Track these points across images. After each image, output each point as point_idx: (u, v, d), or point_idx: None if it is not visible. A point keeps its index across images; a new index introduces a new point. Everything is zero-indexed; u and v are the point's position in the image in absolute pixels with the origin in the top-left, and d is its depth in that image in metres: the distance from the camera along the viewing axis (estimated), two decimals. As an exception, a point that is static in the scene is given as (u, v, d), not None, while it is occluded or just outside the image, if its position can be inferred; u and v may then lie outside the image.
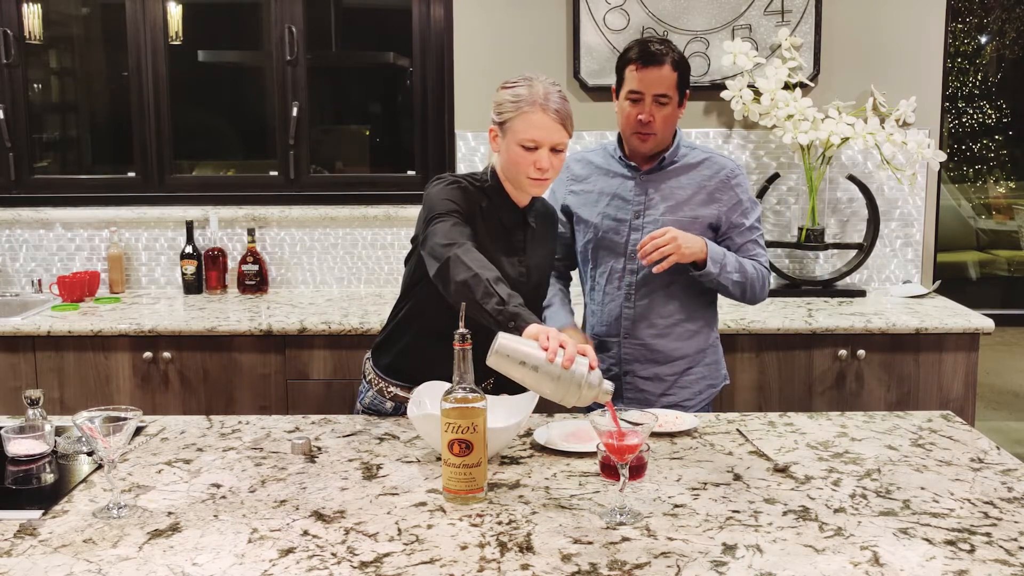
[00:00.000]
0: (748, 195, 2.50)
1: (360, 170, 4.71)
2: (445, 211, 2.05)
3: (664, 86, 2.38)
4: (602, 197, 2.50)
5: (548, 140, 2.07)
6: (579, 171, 2.56)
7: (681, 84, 2.41)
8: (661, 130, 2.41)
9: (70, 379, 3.17)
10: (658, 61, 2.37)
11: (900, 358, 3.13)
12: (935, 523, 1.61)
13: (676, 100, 2.41)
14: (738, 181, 2.48)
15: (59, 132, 4.36)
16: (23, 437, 1.94)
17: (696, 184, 2.46)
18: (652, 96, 2.38)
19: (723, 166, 2.48)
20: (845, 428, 2.12)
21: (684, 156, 2.49)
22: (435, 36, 3.73)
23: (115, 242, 3.72)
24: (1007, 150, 8.67)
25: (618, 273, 2.50)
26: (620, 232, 2.48)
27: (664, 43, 2.43)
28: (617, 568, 1.44)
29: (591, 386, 1.75)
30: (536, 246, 2.27)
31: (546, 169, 2.08)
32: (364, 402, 2.33)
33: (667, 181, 2.47)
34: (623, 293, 2.49)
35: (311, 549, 1.52)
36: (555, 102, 2.08)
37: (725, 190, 2.46)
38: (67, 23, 4.24)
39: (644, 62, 2.38)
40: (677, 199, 2.45)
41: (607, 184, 2.51)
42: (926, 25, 3.60)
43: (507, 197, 2.18)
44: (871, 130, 3.41)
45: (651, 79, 2.37)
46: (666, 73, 2.38)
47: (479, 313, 1.86)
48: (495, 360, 1.76)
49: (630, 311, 2.49)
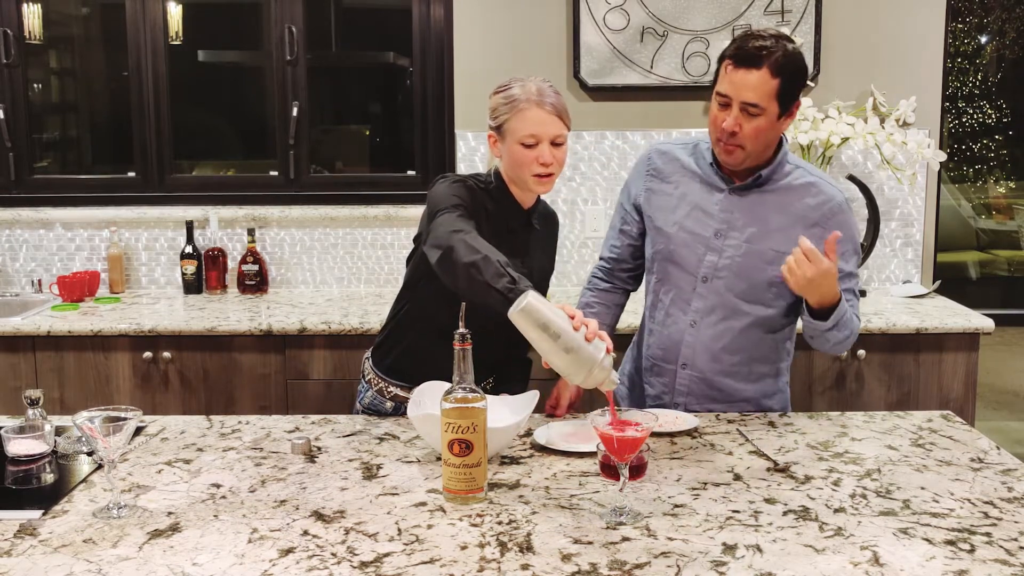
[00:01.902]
0: (853, 236, 2.16)
1: (360, 170, 4.71)
2: (450, 205, 2.03)
3: (756, 94, 2.00)
4: (682, 204, 2.20)
5: (547, 134, 2.07)
6: (661, 166, 2.25)
7: (784, 92, 2.02)
8: (750, 144, 2.06)
9: (70, 379, 3.17)
10: (754, 62, 2.00)
11: (900, 358, 3.13)
12: (935, 523, 1.61)
13: (775, 111, 2.03)
14: (844, 218, 2.13)
15: (59, 132, 4.36)
16: (23, 437, 1.94)
17: (794, 214, 2.12)
18: (741, 103, 2.03)
19: (830, 197, 2.14)
20: (845, 428, 2.12)
21: (786, 176, 2.15)
22: (435, 36, 3.73)
23: (115, 242, 3.72)
24: (1007, 150, 8.67)
25: (686, 295, 2.19)
26: (695, 249, 2.17)
27: (775, 38, 2.03)
28: (617, 568, 1.44)
29: (603, 369, 1.73)
30: (538, 248, 2.27)
31: (549, 163, 2.08)
32: (364, 402, 2.32)
33: (761, 203, 2.14)
34: (688, 319, 2.20)
35: (311, 549, 1.52)
36: (549, 96, 2.08)
37: (828, 226, 2.09)
38: (67, 23, 4.24)
39: (738, 61, 2.02)
40: (767, 227, 2.13)
41: (691, 189, 2.19)
42: (926, 25, 3.60)
43: (512, 199, 2.18)
44: (871, 130, 3.42)
45: (742, 83, 2.01)
46: (761, 79, 2.00)
47: (487, 294, 1.79)
48: (519, 316, 1.73)
49: (692, 339, 2.20)
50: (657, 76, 3.59)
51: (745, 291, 2.16)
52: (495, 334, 1.88)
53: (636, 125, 3.64)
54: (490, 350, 1.98)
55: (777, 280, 2.09)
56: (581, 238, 3.70)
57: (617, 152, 3.65)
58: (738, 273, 2.16)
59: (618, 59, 3.58)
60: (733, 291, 2.17)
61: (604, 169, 3.66)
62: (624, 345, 2.70)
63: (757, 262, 2.14)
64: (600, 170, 3.66)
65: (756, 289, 2.16)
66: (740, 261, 2.15)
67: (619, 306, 2.40)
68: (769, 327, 2.21)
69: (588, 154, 3.65)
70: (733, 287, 2.17)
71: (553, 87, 2.12)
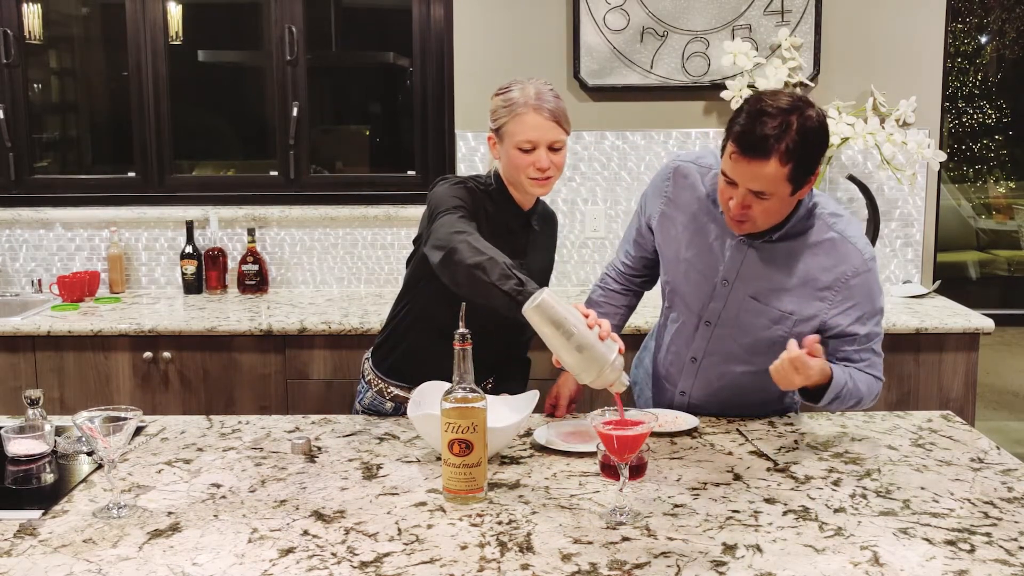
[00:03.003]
0: (873, 298, 2.00)
1: (360, 170, 4.71)
2: (451, 206, 2.03)
3: (763, 184, 1.84)
4: (693, 241, 2.08)
5: (544, 139, 2.07)
6: (678, 194, 2.11)
7: (797, 175, 1.84)
8: (761, 221, 1.93)
9: (70, 379, 3.17)
10: (760, 153, 1.82)
11: (900, 358, 3.13)
12: (935, 523, 1.61)
13: (786, 192, 1.87)
14: (861, 280, 1.97)
15: (59, 132, 4.36)
16: (23, 437, 1.94)
17: (806, 271, 1.99)
18: (747, 189, 1.88)
19: (846, 259, 1.97)
20: (845, 428, 2.12)
21: (808, 230, 1.99)
22: (435, 36, 3.73)
23: (115, 242, 3.72)
24: (1007, 150, 8.67)
25: (688, 331, 2.14)
26: (701, 292, 2.08)
27: (785, 113, 1.81)
28: (617, 568, 1.44)
29: (614, 369, 1.73)
30: (537, 249, 2.27)
31: (546, 168, 2.08)
32: (363, 403, 2.32)
33: (772, 257, 2.00)
34: (689, 354, 2.15)
35: (311, 549, 1.52)
36: (548, 101, 2.08)
37: (840, 289, 1.97)
38: (67, 23, 4.24)
39: (743, 150, 1.84)
40: (776, 285, 2.00)
41: (703, 227, 2.07)
42: (926, 25, 3.60)
43: (511, 200, 2.18)
44: (871, 130, 3.41)
45: (748, 174, 1.85)
46: (769, 169, 1.82)
47: (491, 295, 1.79)
48: (533, 312, 1.73)
49: (692, 374, 2.16)
50: (657, 76, 3.59)
51: (747, 344, 2.09)
52: (495, 334, 1.88)
53: (636, 125, 3.64)
54: (490, 350, 1.99)
55: (780, 339, 1.99)
56: (581, 238, 3.70)
57: (617, 152, 3.65)
58: (740, 327, 2.08)
59: (618, 59, 3.58)
60: (735, 341, 2.09)
61: (604, 169, 3.66)
62: (631, 345, 2.70)
63: (762, 320, 2.04)
64: (600, 170, 3.66)
65: (759, 344, 2.07)
66: (744, 316, 2.07)
67: (629, 308, 2.37)
68: None
69: (588, 154, 3.65)
70: (736, 338, 2.09)
71: (554, 91, 2.11)
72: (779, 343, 1.97)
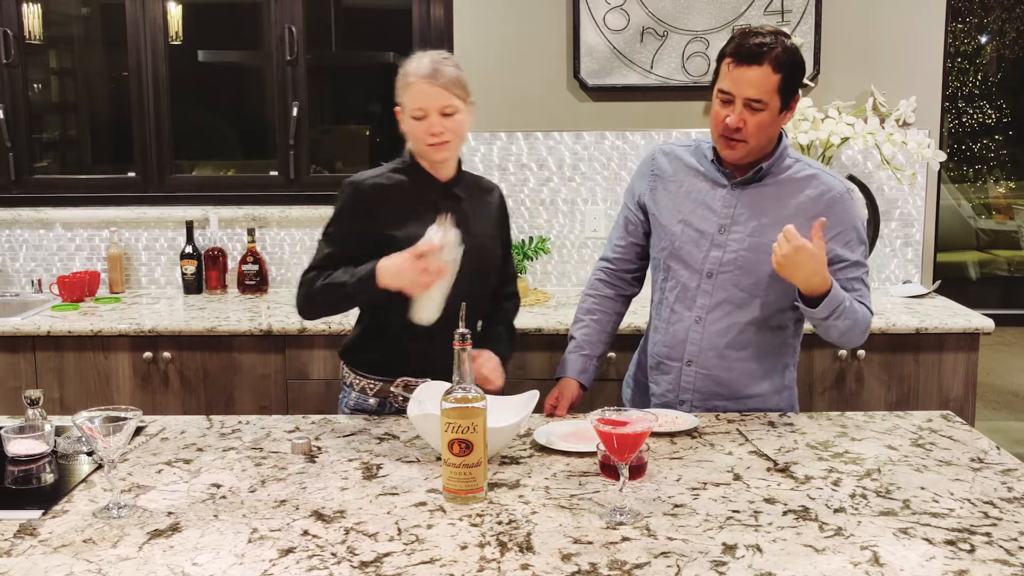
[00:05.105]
0: (856, 225, 2.15)
1: (360, 170, 4.70)
2: (316, 257, 2.28)
3: (759, 90, 2.04)
4: (686, 201, 2.21)
5: (434, 106, 2.12)
6: (665, 166, 2.27)
7: (785, 87, 2.06)
8: (753, 138, 2.09)
9: (70, 379, 3.17)
10: (755, 59, 2.03)
11: (900, 358, 3.13)
12: (935, 523, 1.61)
13: (776, 106, 2.07)
14: (844, 207, 2.14)
15: (59, 132, 4.37)
16: (23, 437, 1.94)
17: (795, 206, 2.14)
18: (744, 99, 2.06)
19: (830, 187, 2.15)
20: (845, 428, 2.12)
21: (787, 169, 2.17)
22: (435, 36, 3.73)
23: (115, 242, 3.72)
24: (1007, 150, 8.68)
25: (691, 292, 2.20)
26: (700, 245, 2.18)
27: (773, 34, 2.06)
28: (617, 568, 1.44)
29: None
30: (476, 219, 2.26)
31: (439, 133, 2.13)
32: (349, 405, 2.32)
33: (762, 197, 2.16)
34: (693, 316, 2.20)
35: (311, 549, 1.52)
36: (438, 70, 2.13)
37: (828, 215, 2.08)
38: (67, 23, 4.24)
39: (739, 59, 2.05)
40: (770, 219, 2.14)
41: (694, 187, 2.21)
42: (926, 25, 3.60)
43: (426, 173, 2.24)
44: (871, 130, 3.42)
45: (745, 80, 2.04)
46: (763, 75, 2.03)
47: (346, 288, 2.12)
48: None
49: (698, 336, 2.20)
50: (657, 76, 3.59)
51: (750, 286, 2.17)
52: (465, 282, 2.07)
53: (636, 125, 3.64)
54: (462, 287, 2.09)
55: None
56: (581, 238, 3.70)
57: (617, 152, 3.65)
58: (742, 267, 2.17)
59: (618, 59, 3.58)
60: (738, 286, 2.17)
61: (604, 169, 3.66)
62: (625, 347, 2.70)
63: (761, 255, 2.13)
64: (600, 170, 3.66)
65: (761, 283, 2.16)
66: (744, 255, 2.16)
67: (619, 314, 2.41)
68: (775, 323, 2.21)
69: (588, 154, 3.65)
70: (738, 282, 2.17)
71: (448, 60, 2.18)
72: (779, 277, 2.06)
